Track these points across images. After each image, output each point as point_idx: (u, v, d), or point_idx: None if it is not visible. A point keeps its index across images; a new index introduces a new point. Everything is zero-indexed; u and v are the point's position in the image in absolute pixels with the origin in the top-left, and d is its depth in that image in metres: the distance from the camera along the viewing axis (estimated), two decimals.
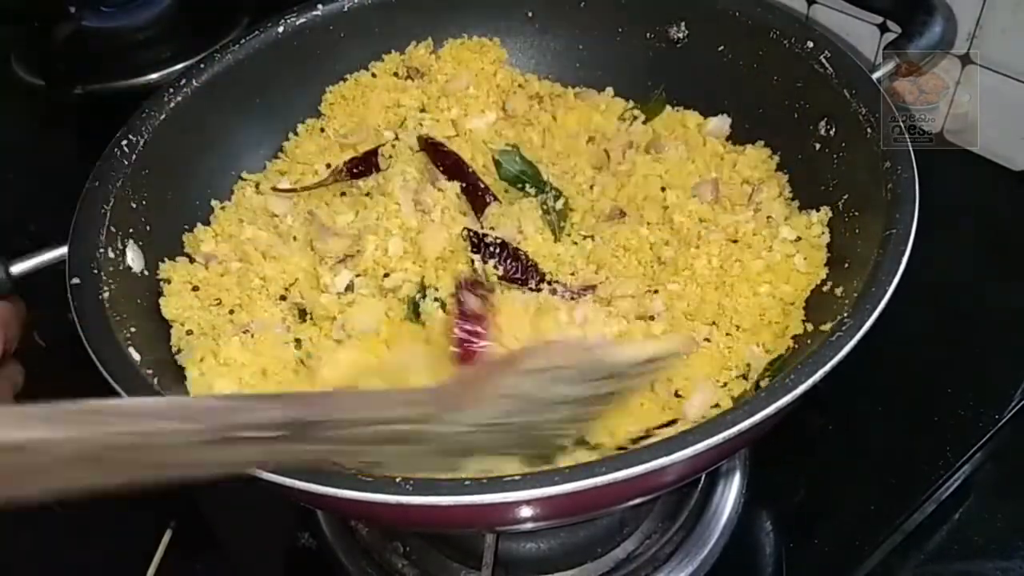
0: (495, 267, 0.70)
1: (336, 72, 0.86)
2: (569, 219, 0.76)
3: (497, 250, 0.71)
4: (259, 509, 0.76)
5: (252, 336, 0.66)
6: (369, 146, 0.81)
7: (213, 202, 0.77)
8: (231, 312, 0.69)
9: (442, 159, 0.79)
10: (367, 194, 0.78)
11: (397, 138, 0.83)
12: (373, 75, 0.87)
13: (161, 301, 0.68)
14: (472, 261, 0.71)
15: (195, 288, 0.70)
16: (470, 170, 0.78)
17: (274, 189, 0.79)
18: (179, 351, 0.66)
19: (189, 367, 0.64)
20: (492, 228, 0.73)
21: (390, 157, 0.80)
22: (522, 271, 0.70)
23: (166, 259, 0.71)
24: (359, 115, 0.85)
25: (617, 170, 0.79)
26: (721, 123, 0.80)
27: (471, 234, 0.72)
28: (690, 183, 0.76)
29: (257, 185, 0.80)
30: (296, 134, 0.84)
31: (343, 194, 0.79)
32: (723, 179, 0.76)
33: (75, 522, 0.76)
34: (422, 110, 0.85)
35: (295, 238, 0.75)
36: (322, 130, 0.85)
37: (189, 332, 0.67)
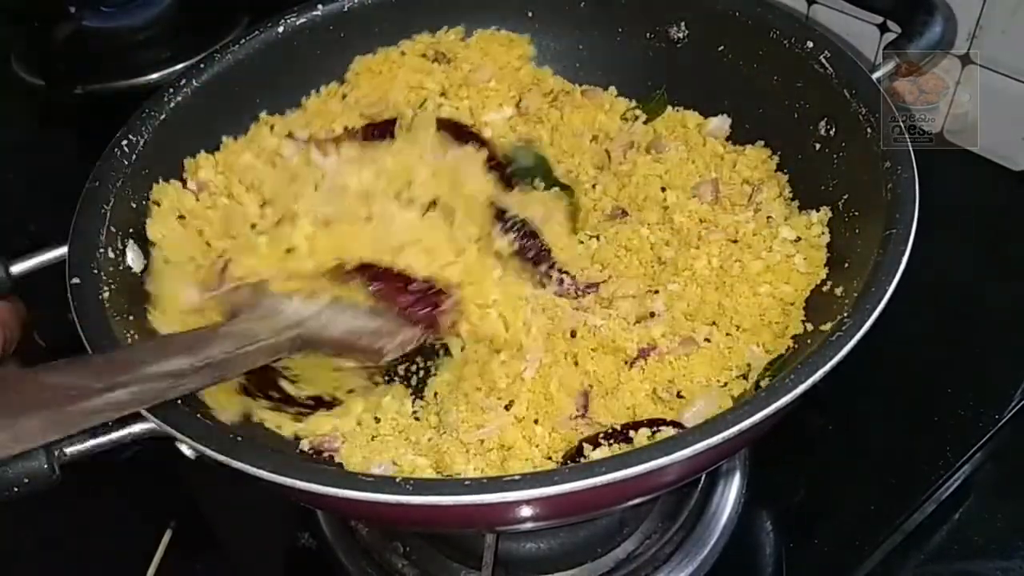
0: (512, 242, 0.71)
1: (335, 73, 0.85)
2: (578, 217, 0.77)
3: (518, 226, 0.71)
4: (259, 509, 0.76)
5: None
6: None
7: (225, 138, 0.78)
8: (208, 244, 0.70)
9: (464, 138, 0.79)
10: None
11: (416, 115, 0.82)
12: (402, 53, 0.86)
13: (147, 223, 0.69)
14: (492, 229, 0.72)
15: (181, 216, 0.71)
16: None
17: (290, 135, 0.79)
18: (150, 275, 0.67)
19: (155, 293, 0.65)
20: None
21: (408, 131, 0.79)
22: (536, 252, 0.71)
23: (160, 180, 0.72)
24: (382, 89, 0.85)
25: (618, 170, 0.79)
26: (721, 123, 0.80)
27: (495, 205, 0.73)
28: (690, 183, 0.76)
29: (272, 127, 0.80)
30: (318, 93, 0.84)
31: None
32: (723, 179, 0.76)
33: (75, 522, 0.76)
34: (442, 94, 0.85)
35: (294, 179, 0.75)
36: (343, 96, 0.84)
37: (167, 261, 0.68)
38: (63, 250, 0.62)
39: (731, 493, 0.72)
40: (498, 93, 0.85)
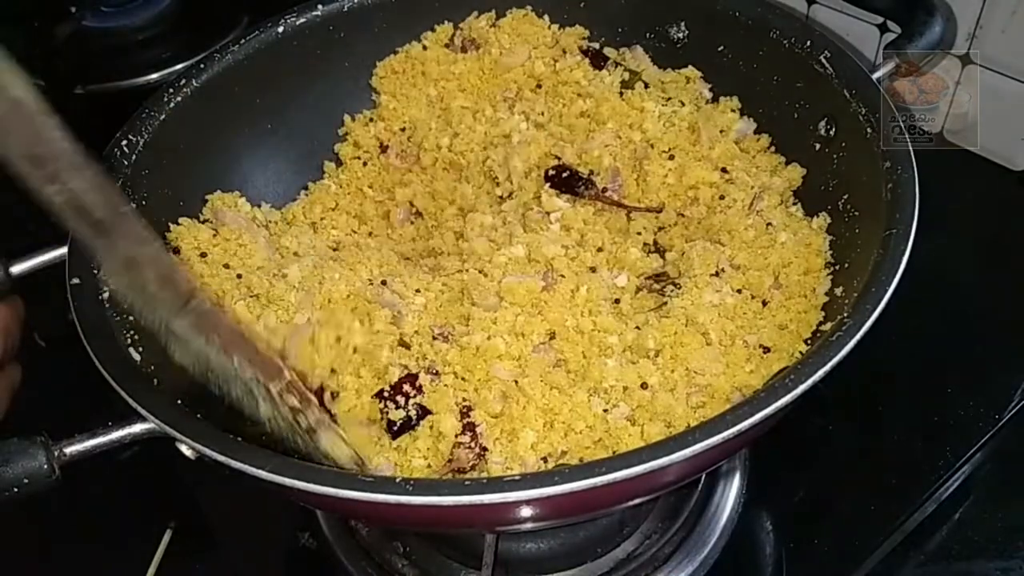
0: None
1: (334, 72, 0.85)
2: None
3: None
4: (259, 509, 0.76)
5: (258, 299, 0.67)
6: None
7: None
8: (239, 276, 0.69)
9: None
10: None
11: None
12: (424, 47, 0.86)
13: None
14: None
15: (203, 255, 0.70)
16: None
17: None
18: None
19: None
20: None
21: None
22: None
23: (170, 224, 0.71)
24: (408, 110, 0.85)
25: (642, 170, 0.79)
26: (746, 126, 0.78)
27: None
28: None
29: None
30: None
31: None
32: (734, 181, 0.75)
33: (75, 522, 0.76)
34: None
35: None
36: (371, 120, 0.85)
37: None
38: (63, 250, 0.62)
39: (731, 493, 0.72)
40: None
